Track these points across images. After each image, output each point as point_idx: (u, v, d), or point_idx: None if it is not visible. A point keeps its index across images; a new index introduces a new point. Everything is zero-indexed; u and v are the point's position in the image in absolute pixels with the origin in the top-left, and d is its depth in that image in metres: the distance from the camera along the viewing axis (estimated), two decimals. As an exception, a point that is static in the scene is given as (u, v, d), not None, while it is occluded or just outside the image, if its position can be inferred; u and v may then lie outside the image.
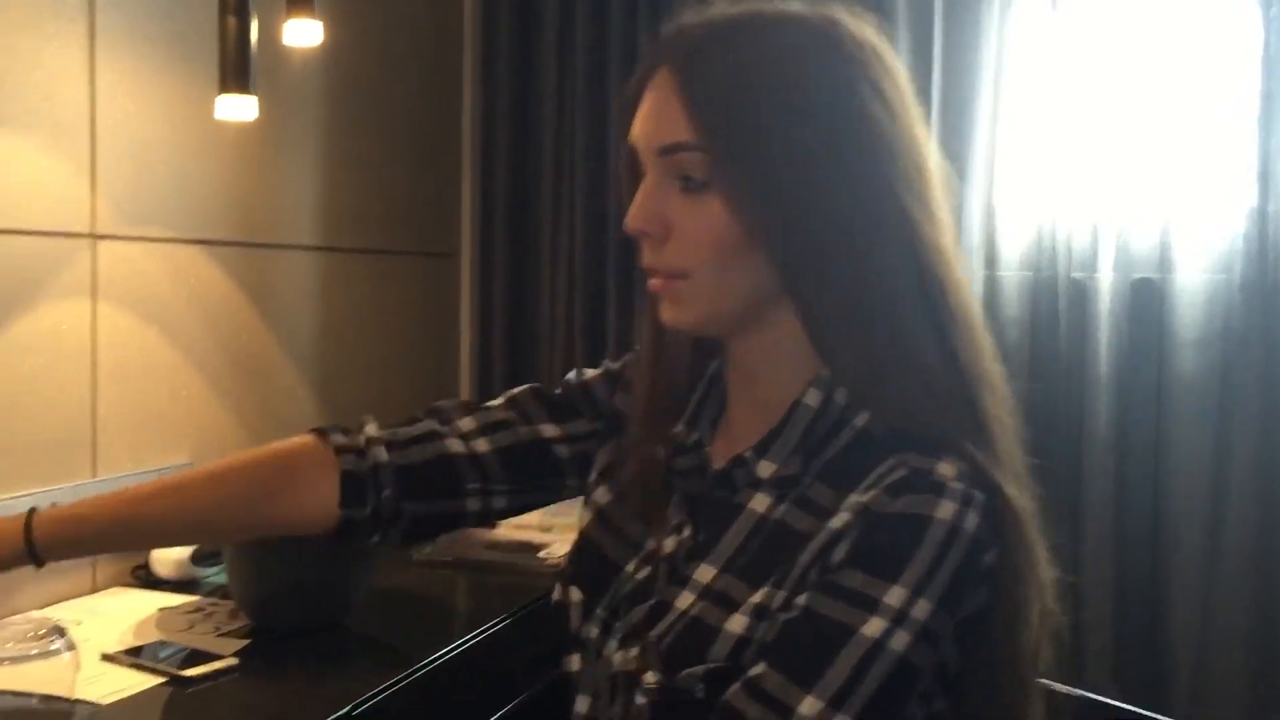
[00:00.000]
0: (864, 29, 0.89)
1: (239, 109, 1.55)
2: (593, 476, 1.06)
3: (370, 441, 1.05)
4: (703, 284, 0.88)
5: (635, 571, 0.95)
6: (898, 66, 0.90)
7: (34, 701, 1.11)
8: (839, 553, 0.82)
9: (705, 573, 0.89)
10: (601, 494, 1.03)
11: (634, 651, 0.90)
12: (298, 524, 1.05)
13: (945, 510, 0.80)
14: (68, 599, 1.51)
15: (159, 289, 1.69)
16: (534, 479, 1.07)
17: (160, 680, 1.23)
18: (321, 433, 1.06)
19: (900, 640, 0.78)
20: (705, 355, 0.99)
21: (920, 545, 0.79)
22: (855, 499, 0.83)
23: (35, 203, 1.48)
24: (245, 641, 1.33)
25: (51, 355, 1.52)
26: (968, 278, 0.91)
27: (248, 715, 1.22)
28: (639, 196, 0.89)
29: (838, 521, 0.83)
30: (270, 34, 1.70)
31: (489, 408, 1.09)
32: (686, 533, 0.93)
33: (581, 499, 1.07)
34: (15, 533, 0.99)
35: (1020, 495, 0.85)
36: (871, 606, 0.79)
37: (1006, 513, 0.83)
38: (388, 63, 2.23)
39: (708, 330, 0.93)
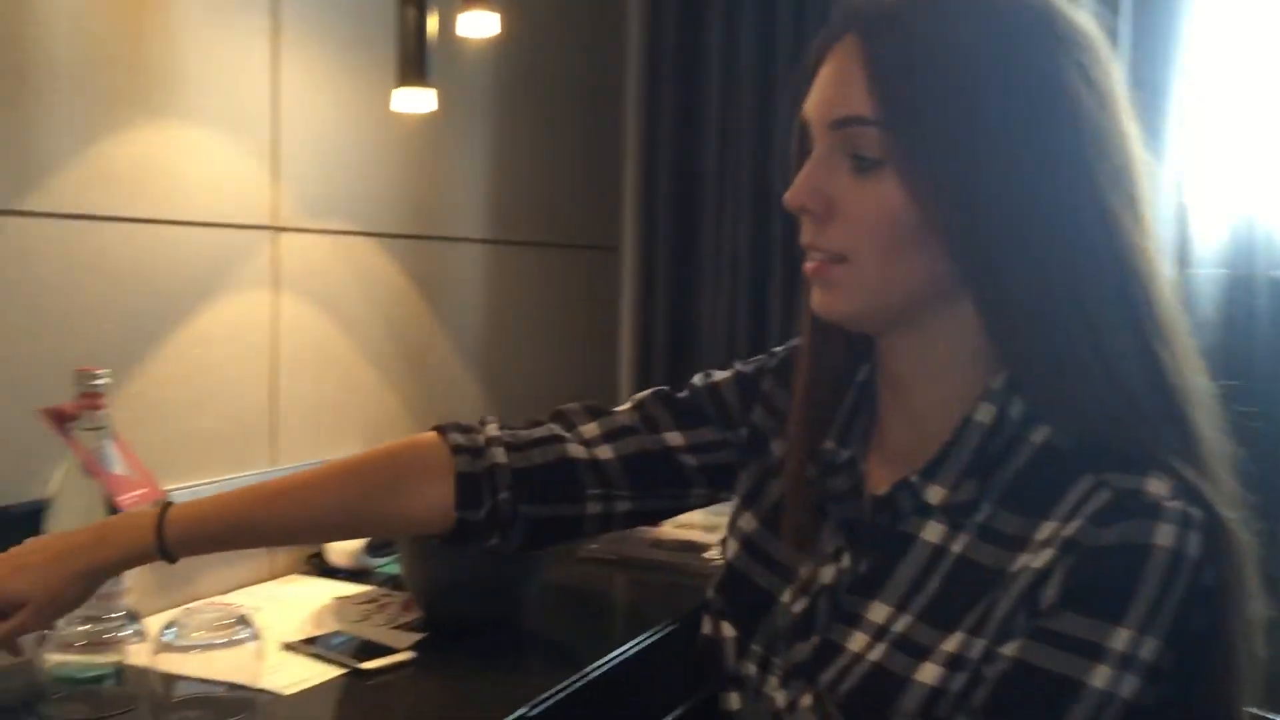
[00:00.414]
0: (1078, 12, 0.81)
1: (417, 101, 1.56)
2: (735, 500, 1.00)
3: (489, 442, 1.02)
4: (863, 270, 0.81)
5: (791, 603, 0.89)
6: (1111, 57, 0.82)
7: (221, 689, 1.13)
8: (1048, 594, 0.74)
9: (878, 611, 0.82)
10: (746, 520, 0.97)
11: (806, 699, 0.84)
12: (416, 524, 1.04)
13: (1165, 535, 0.72)
14: (246, 585, 1.54)
15: (335, 281, 1.71)
16: (659, 487, 1.02)
17: (339, 671, 1.24)
18: (442, 430, 1.03)
19: (1130, 686, 0.71)
20: (854, 359, 0.92)
21: (1143, 578, 0.72)
22: (1054, 528, 0.75)
23: (220, 196, 1.51)
24: (420, 635, 1.33)
25: (235, 345, 1.55)
26: (1173, 289, 0.82)
27: (427, 711, 1.21)
28: (804, 170, 0.83)
29: (1039, 559, 0.75)
30: (444, 26, 1.70)
31: (614, 413, 1.05)
32: (846, 562, 0.86)
33: (735, 504, 1.01)
34: (148, 528, 0.98)
35: (1236, 522, 0.76)
36: (1096, 653, 0.71)
37: (1224, 535, 0.75)
38: (553, 54, 2.23)
39: (863, 324, 0.86)
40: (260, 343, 1.59)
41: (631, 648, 1.36)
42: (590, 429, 1.03)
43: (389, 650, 1.29)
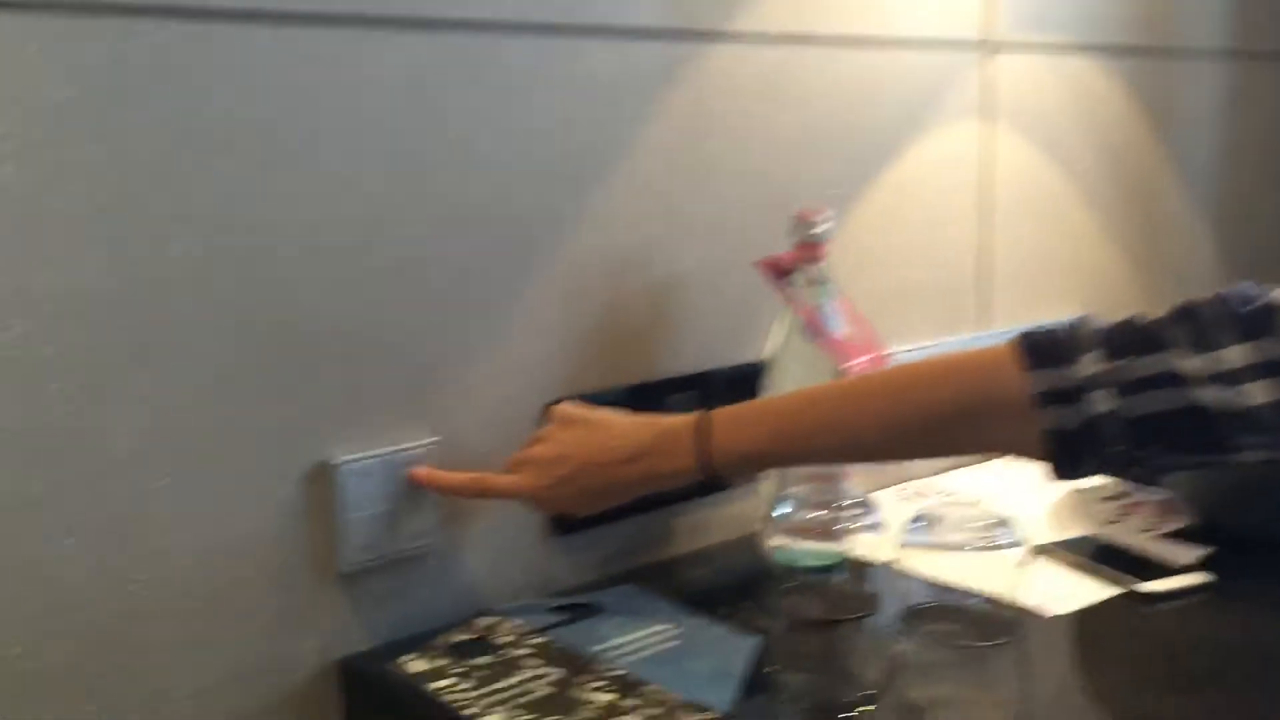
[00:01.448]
0: None
1: None
2: None
3: (1087, 384, 0.77)
4: None
5: None
6: None
7: (978, 601, 0.93)
8: None
9: None
10: None
11: None
12: (1000, 455, 0.93)
13: None
14: (951, 469, 1.33)
15: (1051, 108, 1.42)
16: None
17: (1109, 590, 0.99)
18: (1027, 360, 0.79)
19: None
20: None
21: None
22: None
23: (926, 8, 1.27)
24: (1202, 551, 1.04)
25: (942, 186, 1.32)
26: None
27: (1255, 659, 0.90)
28: None
29: None
30: None
31: (1271, 324, 0.72)
32: None
33: None
34: (689, 447, 0.88)
35: None
36: None
37: None
38: None
39: None
40: (968, 182, 1.35)
41: None
42: (1234, 354, 0.74)
43: (1167, 568, 1.02)
